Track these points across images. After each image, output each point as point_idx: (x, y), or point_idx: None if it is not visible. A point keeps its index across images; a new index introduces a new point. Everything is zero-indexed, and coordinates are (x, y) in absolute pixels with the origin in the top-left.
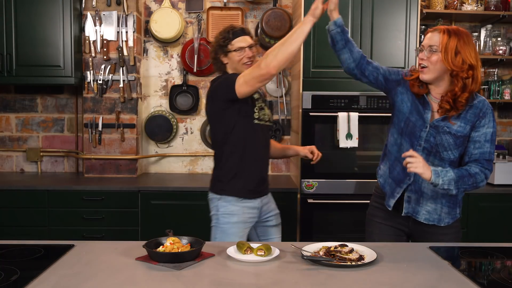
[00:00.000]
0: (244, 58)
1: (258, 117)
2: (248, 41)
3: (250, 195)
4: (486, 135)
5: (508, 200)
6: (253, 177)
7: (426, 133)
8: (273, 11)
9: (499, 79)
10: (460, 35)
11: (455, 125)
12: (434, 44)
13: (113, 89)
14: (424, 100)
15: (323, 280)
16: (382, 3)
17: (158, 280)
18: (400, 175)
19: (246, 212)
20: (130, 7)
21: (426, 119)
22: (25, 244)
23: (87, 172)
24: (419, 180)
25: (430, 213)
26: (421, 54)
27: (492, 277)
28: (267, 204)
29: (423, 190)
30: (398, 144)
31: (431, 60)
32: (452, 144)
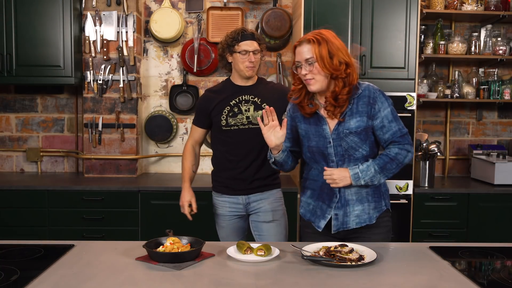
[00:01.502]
0: (246, 62)
1: (225, 124)
2: (255, 46)
3: (226, 191)
4: (388, 117)
5: (508, 200)
6: (226, 176)
7: (332, 147)
8: (273, 11)
9: (499, 79)
10: (327, 38)
11: (353, 122)
12: (310, 56)
13: (113, 89)
14: (317, 116)
15: (323, 280)
16: (382, 3)
17: (158, 280)
18: (328, 196)
19: (225, 206)
20: (130, 7)
21: (327, 134)
22: (25, 244)
23: (87, 172)
24: (342, 191)
25: (359, 216)
26: (300, 70)
27: (492, 277)
28: (258, 201)
29: (347, 198)
30: (316, 173)
31: (313, 72)
32: (358, 142)
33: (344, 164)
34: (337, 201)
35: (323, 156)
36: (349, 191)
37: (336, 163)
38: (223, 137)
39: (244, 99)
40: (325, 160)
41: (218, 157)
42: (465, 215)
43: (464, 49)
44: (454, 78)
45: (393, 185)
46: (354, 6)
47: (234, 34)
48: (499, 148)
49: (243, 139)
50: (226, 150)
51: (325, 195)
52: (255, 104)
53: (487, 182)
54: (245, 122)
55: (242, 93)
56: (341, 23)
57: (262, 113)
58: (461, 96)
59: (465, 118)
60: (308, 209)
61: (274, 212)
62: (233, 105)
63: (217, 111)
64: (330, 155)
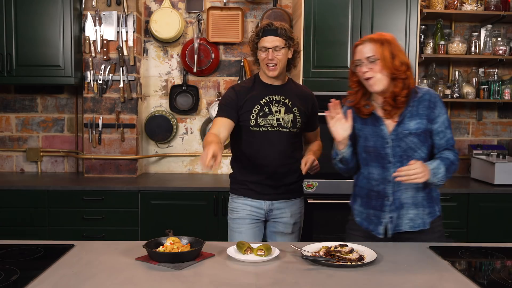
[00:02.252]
0: (266, 59)
1: (254, 123)
2: (276, 42)
3: (250, 194)
4: (444, 123)
5: (508, 200)
6: (251, 179)
7: (390, 147)
8: (273, 11)
9: (499, 79)
10: (389, 41)
11: (412, 123)
12: (372, 54)
13: (113, 89)
14: (374, 116)
15: (323, 280)
16: (382, 3)
17: (158, 280)
18: (378, 202)
19: (246, 209)
20: (130, 7)
21: (385, 135)
22: (25, 244)
23: (87, 172)
24: (398, 195)
25: (413, 220)
26: (360, 68)
27: (492, 277)
28: (281, 210)
29: (403, 201)
30: (366, 176)
31: (374, 69)
32: (418, 143)
33: (403, 165)
34: (390, 204)
35: (379, 157)
36: (406, 194)
37: (394, 164)
38: (249, 138)
39: (275, 99)
40: (381, 161)
41: (241, 160)
42: (465, 215)
43: (464, 49)
44: (454, 78)
45: None
46: (354, 6)
47: (257, 29)
48: (499, 148)
49: (271, 142)
50: (252, 153)
51: (374, 202)
52: (286, 106)
53: (487, 182)
54: (275, 124)
55: (272, 92)
56: (341, 23)
57: (328, 106)
58: (461, 96)
59: (465, 118)
60: (363, 217)
61: (294, 225)
62: (263, 104)
63: (246, 108)
64: (387, 155)
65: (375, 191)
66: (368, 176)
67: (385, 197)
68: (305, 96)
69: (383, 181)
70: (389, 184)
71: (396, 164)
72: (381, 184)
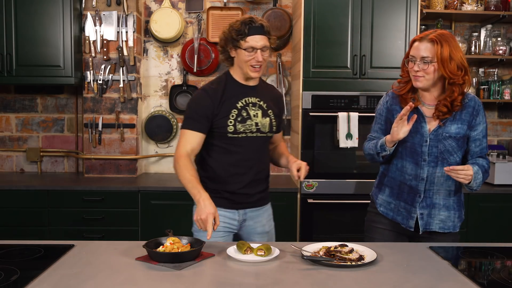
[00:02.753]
0: (253, 61)
1: (233, 130)
2: (264, 42)
3: (224, 204)
4: (483, 132)
5: (508, 200)
6: (226, 189)
7: (428, 146)
8: (273, 11)
9: (499, 79)
10: (449, 40)
11: (453, 127)
12: (428, 56)
13: (113, 89)
14: (417, 112)
15: (323, 280)
16: (382, 3)
17: (158, 280)
18: (410, 196)
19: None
20: (130, 7)
21: (425, 133)
22: (25, 244)
23: (87, 172)
24: (429, 194)
25: (444, 221)
26: (412, 65)
27: (492, 277)
28: (254, 220)
29: (434, 201)
30: (399, 168)
31: (427, 71)
32: (455, 147)
33: (437, 167)
34: (421, 201)
35: (414, 153)
36: (437, 195)
37: (428, 163)
38: (226, 146)
39: (251, 102)
40: (416, 157)
41: (214, 168)
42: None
43: (464, 49)
44: None
45: None
46: (354, 6)
47: (241, 25)
48: (499, 148)
49: (251, 149)
50: (229, 161)
51: (406, 195)
52: (262, 110)
53: (487, 182)
54: (254, 130)
55: (248, 94)
56: (341, 23)
57: (408, 106)
58: None
59: None
60: (390, 207)
61: (269, 234)
62: (240, 108)
63: (222, 114)
64: (423, 153)
65: (407, 185)
66: (402, 169)
67: (417, 194)
68: (276, 97)
69: (416, 177)
70: (422, 181)
71: (430, 164)
72: (414, 180)
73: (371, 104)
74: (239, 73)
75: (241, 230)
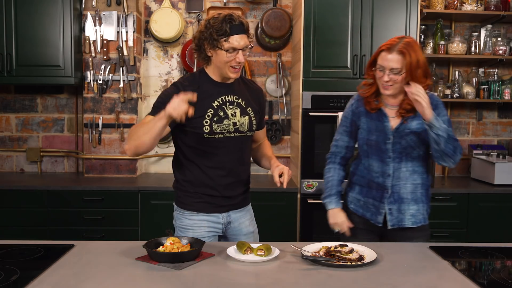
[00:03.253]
0: (233, 62)
1: (209, 130)
2: (244, 41)
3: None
4: (445, 122)
5: (508, 200)
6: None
7: (391, 143)
8: (273, 11)
9: (499, 79)
10: (415, 49)
11: (414, 123)
12: (397, 67)
13: (113, 89)
14: (380, 112)
15: (323, 280)
16: (382, 3)
17: (158, 280)
18: (378, 193)
19: (203, 226)
20: (130, 7)
21: (388, 131)
22: (25, 244)
23: (87, 172)
24: (396, 188)
25: (414, 216)
26: (381, 74)
27: (492, 277)
28: (238, 221)
29: (402, 196)
30: (367, 167)
31: (396, 80)
32: (417, 142)
33: (402, 162)
34: (389, 197)
35: (379, 151)
36: (405, 189)
37: (393, 159)
38: (203, 147)
39: (229, 101)
40: (381, 154)
41: (193, 170)
42: (465, 215)
43: (464, 49)
44: (454, 78)
45: None
46: (354, 6)
47: (221, 24)
48: (499, 148)
49: (229, 149)
50: (205, 163)
51: (375, 192)
52: (240, 108)
53: (487, 182)
54: (232, 130)
55: (225, 92)
56: (341, 23)
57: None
58: (461, 96)
59: (465, 118)
60: (359, 204)
61: (254, 233)
62: (217, 107)
63: (197, 113)
64: (388, 150)
65: (375, 182)
66: (369, 167)
67: (384, 190)
68: (255, 92)
69: (383, 174)
70: (388, 177)
71: (395, 160)
72: (381, 177)
73: None
74: (216, 72)
75: (226, 233)
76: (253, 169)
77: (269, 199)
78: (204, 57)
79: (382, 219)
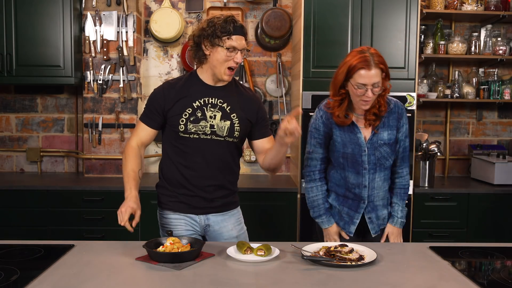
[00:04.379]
0: (231, 62)
1: (183, 129)
2: (243, 43)
3: (181, 209)
4: (405, 132)
5: (508, 200)
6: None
7: (366, 155)
8: (273, 11)
9: (499, 79)
10: (383, 60)
11: (385, 134)
12: (377, 81)
13: (113, 89)
14: (352, 125)
15: (323, 280)
16: (382, 3)
17: (158, 280)
18: (355, 203)
19: (181, 224)
20: (130, 7)
21: (362, 143)
22: (25, 244)
23: (87, 172)
24: (372, 198)
25: (385, 219)
26: (363, 91)
27: (492, 277)
28: (219, 224)
29: (376, 204)
30: (343, 177)
31: (376, 94)
32: (390, 152)
33: (376, 173)
34: (366, 207)
35: (356, 163)
36: (378, 197)
37: (368, 170)
38: (178, 145)
39: (211, 103)
40: (357, 167)
41: (170, 168)
42: (465, 215)
43: (464, 49)
44: (454, 78)
45: None
46: (354, 6)
47: (224, 23)
48: (499, 148)
49: (202, 151)
50: (180, 162)
51: (351, 201)
52: (222, 112)
53: (487, 182)
54: (208, 132)
55: (209, 94)
56: (341, 23)
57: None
58: (461, 96)
59: (465, 118)
60: (335, 211)
61: (238, 239)
62: (196, 107)
63: (175, 111)
64: (363, 162)
65: (352, 193)
66: (345, 179)
67: (361, 200)
68: (249, 100)
69: (359, 185)
70: (365, 188)
71: (370, 171)
72: (357, 188)
73: None
74: (209, 73)
75: (206, 235)
76: (253, 169)
77: (269, 199)
78: (201, 55)
79: (355, 229)
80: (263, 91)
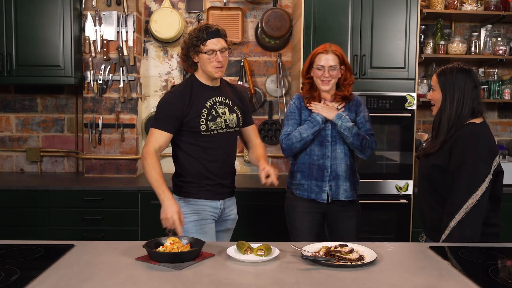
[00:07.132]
0: (214, 62)
1: (205, 128)
2: (222, 44)
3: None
4: (365, 117)
5: (508, 200)
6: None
7: (330, 129)
8: (273, 11)
9: (499, 79)
10: (340, 50)
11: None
12: (335, 64)
13: (113, 89)
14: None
15: (323, 280)
16: (382, 3)
17: (158, 280)
18: (319, 173)
19: (207, 210)
20: (130, 7)
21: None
22: (25, 244)
23: (87, 172)
24: (334, 167)
25: (346, 191)
26: (322, 72)
27: (492, 277)
28: (229, 208)
29: (338, 173)
30: (308, 153)
31: (333, 76)
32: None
33: (337, 144)
34: (329, 175)
35: (320, 136)
36: (340, 167)
37: (330, 142)
38: (199, 143)
39: (218, 101)
40: (320, 140)
41: (192, 165)
42: None
43: (464, 49)
44: None
45: (393, 185)
46: (354, 6)
47: (198, 32)
48: (499, 148)
49: (222, 144)
50: (204, 157)
51: (315, 173)
52: (228, 107)
53: None
54: (224, 126)
55: (214, 94)
56: (341, 23)
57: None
58: None
59: None
60: (304, 188)
61: (234, 221)
62: (209, 107)
63: (192, 114)
64: (327, 135)
65: (316, 165)
66: (310, 153)
67: (324, 169)
68: (239, 93)
69: (323, 156)
70: (328, 158)
71: (332, 143)
72: (321, 159)
73: (371, 104)
74: (204, 75)
75: (219, 218)
76: (252, 169)
77: (269, 199)
78: (192, 64)
79: (326, 196)
80: (263, 91)
